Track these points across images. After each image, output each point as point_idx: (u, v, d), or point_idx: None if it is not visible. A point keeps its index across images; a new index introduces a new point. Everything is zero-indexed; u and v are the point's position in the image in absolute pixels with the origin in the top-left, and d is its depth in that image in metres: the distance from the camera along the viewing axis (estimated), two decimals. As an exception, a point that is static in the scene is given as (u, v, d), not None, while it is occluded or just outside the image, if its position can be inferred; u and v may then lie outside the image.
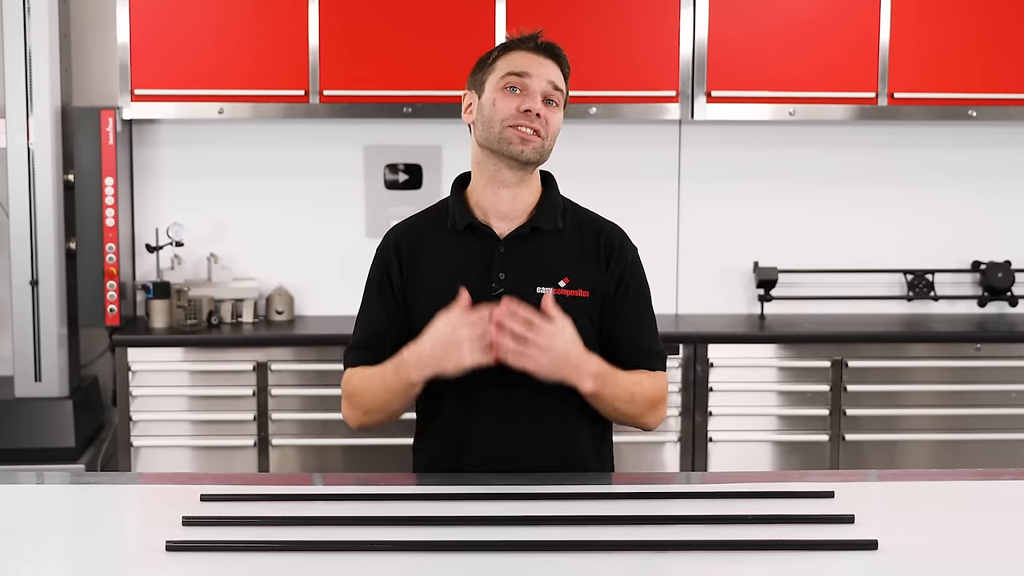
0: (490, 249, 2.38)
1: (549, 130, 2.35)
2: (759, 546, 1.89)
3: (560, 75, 2.38)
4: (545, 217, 2.40)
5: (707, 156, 4.82)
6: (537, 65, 2.36)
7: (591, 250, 2.41)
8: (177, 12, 4.36)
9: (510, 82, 2.34)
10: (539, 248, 2.38)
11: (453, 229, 2.41)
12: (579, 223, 2.44)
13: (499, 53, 2.40)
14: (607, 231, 2.44)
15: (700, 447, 4.37)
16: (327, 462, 4.33)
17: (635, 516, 2.03)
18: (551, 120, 2.35)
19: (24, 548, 1.95)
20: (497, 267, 2.36)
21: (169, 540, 1.88)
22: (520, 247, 2.38)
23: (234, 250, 4.73)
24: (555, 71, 2.37)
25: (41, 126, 4.24)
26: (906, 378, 4.42)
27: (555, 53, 2.40)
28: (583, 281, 2.38)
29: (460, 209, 2.41)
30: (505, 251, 2.37)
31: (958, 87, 4.49)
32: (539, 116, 2.32)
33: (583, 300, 2.36)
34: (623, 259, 2.42)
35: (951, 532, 2.00)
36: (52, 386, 4.31)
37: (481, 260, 2.37)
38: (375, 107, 4.43)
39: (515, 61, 2.36)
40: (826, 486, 2.21)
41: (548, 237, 2.40)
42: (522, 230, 2.39)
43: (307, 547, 1.87)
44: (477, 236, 2.39)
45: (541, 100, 2.34)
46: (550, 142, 2.36)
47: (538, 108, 2.32)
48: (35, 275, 4.29)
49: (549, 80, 2.35)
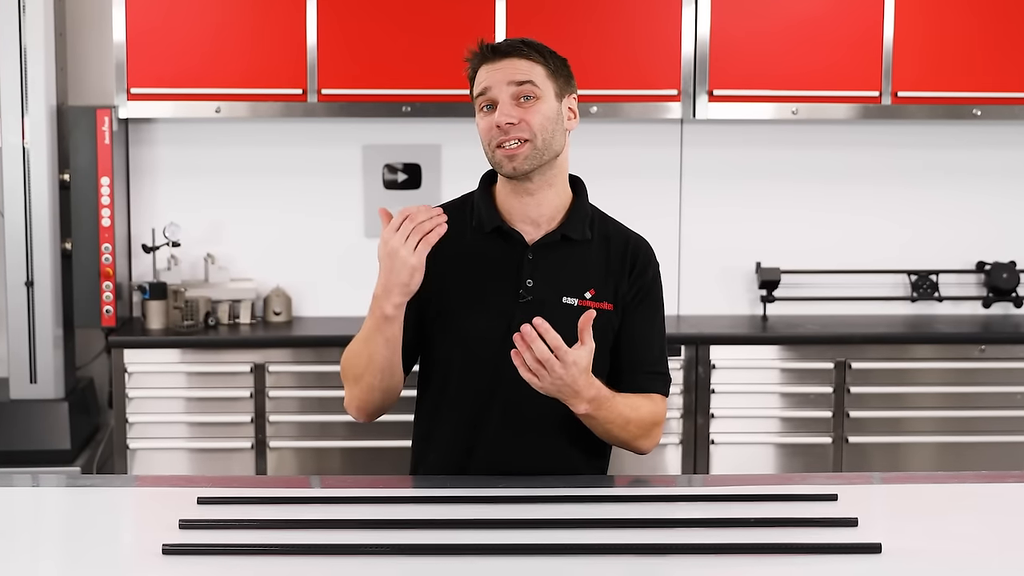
0: (519, 255, 2.34)
1: (534, 127, 2.26)
2: (761, 550, 1.90)
3: (526, 65, 2.28)
4: (574, 226, 2.36)
5: (709, 155, 4.80)
6: (494, 73, 2.28)
7: (617, 262, 2.38)
8: (173, 10, 4.34)
9: (481, 103, 2.31)
10: (567, 257, 2.35)
11: (479, 229, 2.37)
12: (607, 234, 2.41)
13: (471, 73, 2.35)
14: (634, 243, 2.42)
15: (702, 449, 4.35)
16: (325, 465, 4.31)
17: (636, 519, 2.03)
18: (528, 116, 2.26)
19: (19, 552, 1.94)
20: (526, 274, 2.33)
21: (166, 543, 1.87)
22: (548, 255, 2.35)
23: (231, 250, 4.71)
24: (517, 65, 2.28)
25: (36, 125, 4.22)
26: (910, 380, 4.41)
27: (512, 47, 2.30)
28: (607, 294, 2.35)
29: (488, 209, 2.37)
30: (534, 258, 2.34)
31: (962, 86, 4.47)
32: (515, 124, 2.25)
33: (607, 313, 2.34)
34: (645, 273, 2.40)
35: (955, 535, 2.00)
36: (47, 388, 4.30)
37: (508, 265, 2.34)
38: (374, 106, 4.42)
39: (479, 79, 2.31)
40: (829, 489, 2.21)
41: (576, 247, 2.36)
42: (552, 238, 2.35)
43: (305, 550, 1.88)
44: (504, 239, 2.35)
45: (513, 102, 2.27)
46: (542, 138, 2.27)
47: (507, 118, 2.25)
48: (30, 276, 4.27)
49: (511, 80, 2.27)
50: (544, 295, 2.31)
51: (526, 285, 2.32)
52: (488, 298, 2.32)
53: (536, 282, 2.32)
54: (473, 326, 2.32)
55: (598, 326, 2.22)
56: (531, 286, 2.32)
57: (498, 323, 2.29)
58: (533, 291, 2.32)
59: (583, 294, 2.33)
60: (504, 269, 2.33)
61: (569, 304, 2.32)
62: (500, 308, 2.30)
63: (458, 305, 2.31)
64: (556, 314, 2.21)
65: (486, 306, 2.32)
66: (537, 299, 2.30)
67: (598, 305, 2.32)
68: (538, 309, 2.25)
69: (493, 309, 2.31)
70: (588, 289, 2.34)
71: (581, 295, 2.33)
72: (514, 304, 2.30)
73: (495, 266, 2.34)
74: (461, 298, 2.32)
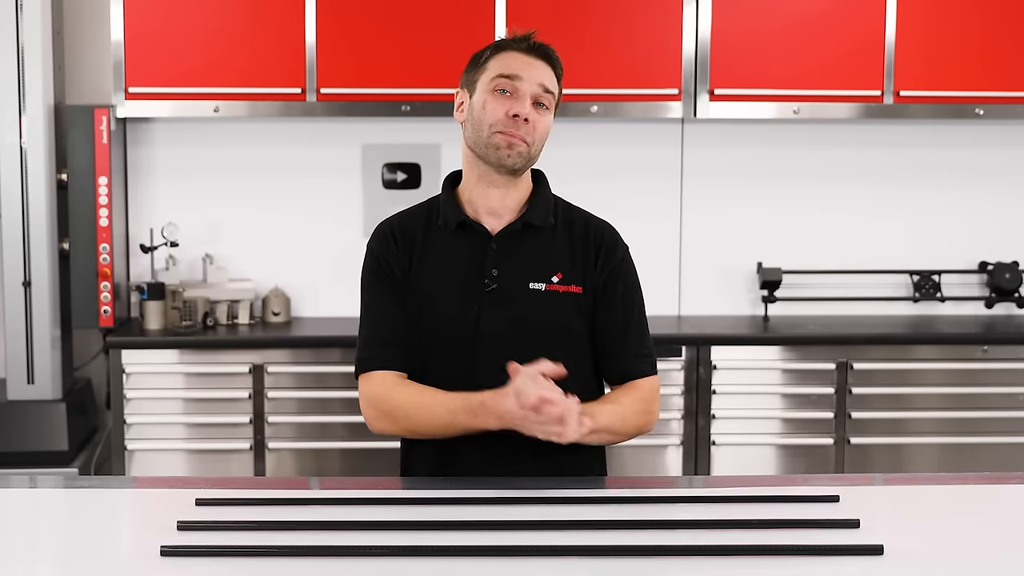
0: (483, 246, 2.39)
1: (536, 135, 2.35)
2: (763, 551, 1.90)
3: (552, 77, 2.38)
4: (536, 213, 2.41)
5: (710, 155, 4.78)
6: (528, 67, 2.34)
7: (581, 246, 2.41)
8: (172, 9, 4.33)
9: (500, 84, 2.34)
10: (531, 245, 2.39)
11: (445, 227, 2.41)
12: (570, 220, 2.45)
13: (491, 53, 2.39)
14: (596, 227, 2.45)
15: (703, 451, 4.34)
16: (324, 466, 4.30)
17: (636, 520, 2.04)
18: (539, 125, 2.35)
19: (17, 554, 1.94)
20: (490, 264, 2.37)
21: (164, 545, 1.87)
22: (512, 244, 2.39)
23: (230, 250, 4.70)
24: (547, 73, 2.37)
25: (34, 124, 4.21)
26: (912, 380, 4.39)
27: (547, 54, 2.39)
28: (576, 277, 2.39)
29: (451, 207, 2.42)
30: (498, 248, 2.38)
31: (965, 85, 4.46)
32: (527, 122, 2.32)
33: (576, 296, 2.38)
34: (612, 256, 2.42)
35: (958, 537, 2.00)
36: (45, 389, 4.29)
37: (473, 257, 2.38)
38: (373, 105, 4.41)
39: (506, 62, 2.35)
40: (831, 490, 2.21)
41: (540, 234, 2.41)
42: (514, 227, 2.40)
43: (304, 552, 1.88)
44: (469, 233, 2.40)
45: (531, 103, 2.33)
46: (537, 147, 2.37)
47: (527, 113, 2.32)
48: (28, 276, 4.26)
49: (540, 83, 2.34)
50: (510, 283, 2.36)
51: (491, 274, 2.36)
52: (457, 290, 2.36)
53: (501, 270, 2.36)
54: (444, 318, 2.36)
55: (568, 309, 2.32)
56: (496, 275, 2.36)
57: (467, 313, 2.34)
58: (499, 279, 2.36)
59: (550, 278, 2.37)
60: (470, 261, 2.38)
61: (536, 289, 2.37)
62: (469, 299, 2.35)
63: (430, 299, 2.36)
64: (523, 299, 2.33)
65: (455, 298, 2.36)
66: (503, 287, 2.35)
67: (566, 289, 2.37)
68: (505, 296, 2.34)
69: (462, 300, 2.35)
70: (555, 273, 2.38)
71: (548, 279, 2.37)
72: (481, 294, 2.35)
73: (460, 260, 2.38)
74: (432, 292, 2.36)
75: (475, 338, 2.33)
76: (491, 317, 2.34)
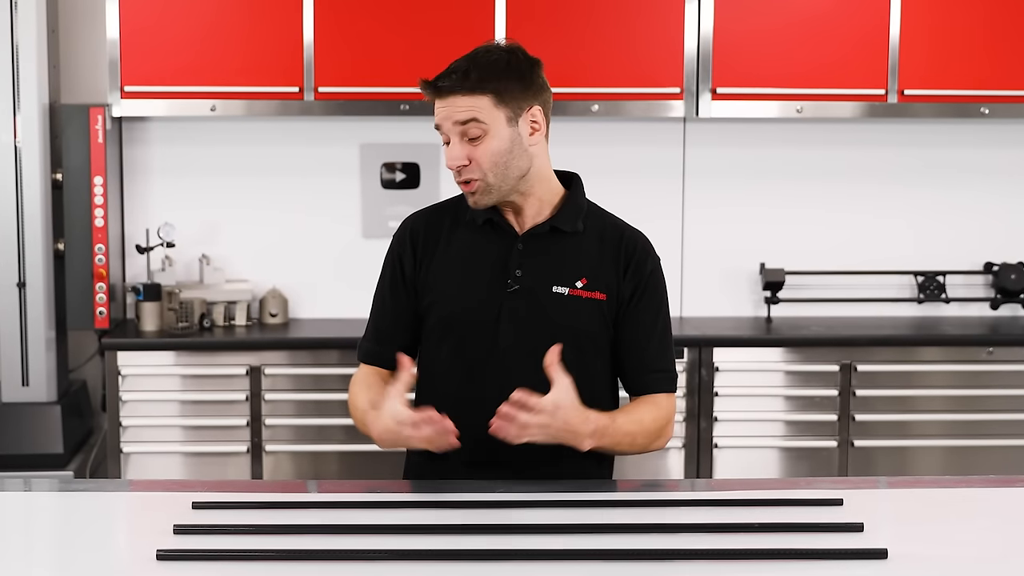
0: (508, 245, 2.37)
1: (485, 166, 2.26)
2: (766, 555, 1.90)
3: (468, 101, 2.23)
4: (565, 218, 2.38)
5: (712, 155, 4.77)
6: (441, 110, 2.28)
7: (611, 254, 2.38)
8: (168, 7, 4.31)
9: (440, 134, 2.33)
10: (558, 248, 2.37)
11: (472, 222, 2.39)
12: (601, 227, 2.41)
13: None
14: (629, 237, 2.42)
15: (705, 453, 4.33)
16: (322, 469, 4.28)
17: (639, 524, 2.04)
18: (478, 156, 2.26)
19: (11, 558, 1.94)
20: (514, 264, 2.35)
21: (160, 549, 1.87)
22: (538, 245, 2.36)
23: (227, 251, 4.67)
24: (458, 103, 2.24)
25: (28, 123, 4.19)
26: (917, 382, 4.38)
27: (453, 84, 2.25)
28: (600, 283, 2.36)
29: None
30: (523, 248, 2.36)
31: (969, 84, 4.44)
32: (466, 165, 2.26)
33: (599, 302, 2.35)
34: (643, 268, 2.39)
35: (962, 541, 2.00)
36: (40, 391, 4.28)
37: (498, 256, 2.36)
38: (371, 104, 4.39)
39: (435, 112, 2.31)
40: (834, 493, 2.21)
41: (568, 238, 2.38)
42: (541, 228, 2.37)
43: (301, 556, 1.88)
44: (496, 231, 2.38)
45: (462, 140, 2.27)
46: (495, 173, 2.26)
47: (455, 161, 2.27)
48: (22, 277, 4.24)
49: (454, 121, 2.26)
50: (534, 284, 2.34)
51: (514, 275, 2.34)
52: (479, 288, 2.35)
53: (525, 272, 2.34)
54: (465, 311, 2.35)
55: (590, 315, 2.31)
56: (520, 275, 2.34)
57: (488, 312, 2.33)
58: (522, 280, 2.34)
59: (574, 283, 2.35)
60: (494, 260, 2.36)
61: (559, 293, 2.34)
62: (490, 297, 2.33)
63: (451, 292, 2.35)
64: (545, 302, 2.31)
65: (477, 295, 2.35)
66: (526, 288, 2.33)
67: (590, 295, 2.34)
68: (527, 298, 2.32)
69: (484, 298, 2.34)
70: (580, 278, 2.35)
71: (572, 284, 2.34)
72: (503, 294, 2.33)
73: (486, 257, 2.36)
74: (454, 285, 2.35)
75: (493, 336, 2.31)
76: (511, 316, 2.33)
